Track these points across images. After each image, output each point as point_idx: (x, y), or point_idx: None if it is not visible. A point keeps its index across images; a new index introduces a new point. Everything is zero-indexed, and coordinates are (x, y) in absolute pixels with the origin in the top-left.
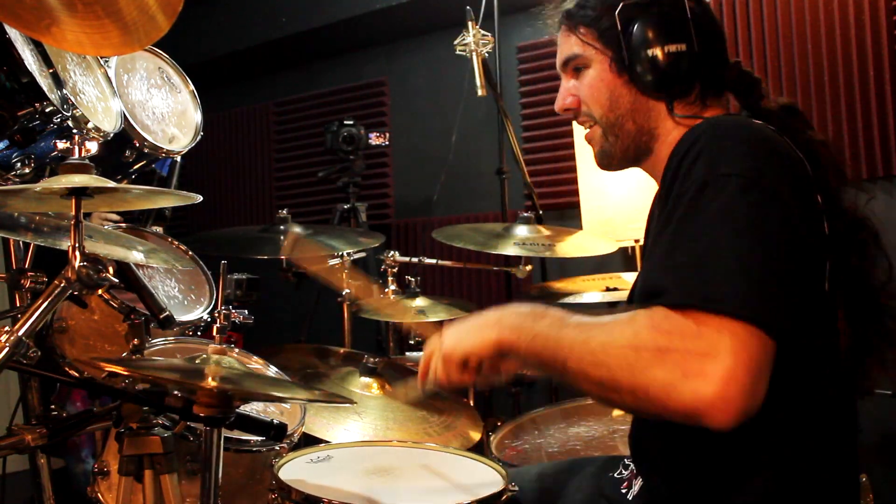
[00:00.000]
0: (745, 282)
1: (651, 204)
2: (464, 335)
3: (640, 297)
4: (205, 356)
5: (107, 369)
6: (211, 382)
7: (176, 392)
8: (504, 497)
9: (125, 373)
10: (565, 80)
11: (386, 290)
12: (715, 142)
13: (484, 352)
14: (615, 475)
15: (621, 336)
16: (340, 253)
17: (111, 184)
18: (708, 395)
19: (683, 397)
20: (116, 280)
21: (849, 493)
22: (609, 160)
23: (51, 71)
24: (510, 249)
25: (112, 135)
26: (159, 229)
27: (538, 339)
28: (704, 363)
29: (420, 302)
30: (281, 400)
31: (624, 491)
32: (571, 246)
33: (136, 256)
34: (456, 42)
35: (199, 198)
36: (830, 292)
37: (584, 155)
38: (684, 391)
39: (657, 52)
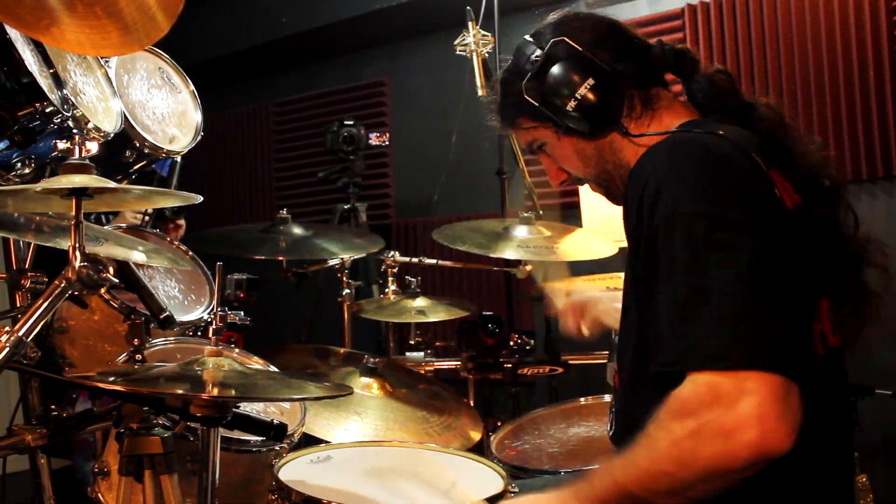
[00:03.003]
0: (740, 331)
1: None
2: None
3: (652, 367)
4: (201, 360)
5: (107, 388)
6: (213, 391)
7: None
8: (504, 498)
9: (125, 390)
10: (543, 161)
11: (386, 290)
12: (672, 173)
13: None
14: None
15: (658, 442)
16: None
17: (111, 184)
18: (756, 437)
19: (739, 454)
20: (116, 280)
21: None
22: (615, 201)
23: (51, 71)
24: (510, 252)
25: (112, 135)
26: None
27: (606, 496)
28: (734, 415)
29: (420, 302)
30: (280, 401)
31: None
32: (572, 247)
33: (138, 256)
34: (456, 42)
35: (200, 198)
36: (810, 288)
37: None
38: (736, 449)
39: (576, 100)
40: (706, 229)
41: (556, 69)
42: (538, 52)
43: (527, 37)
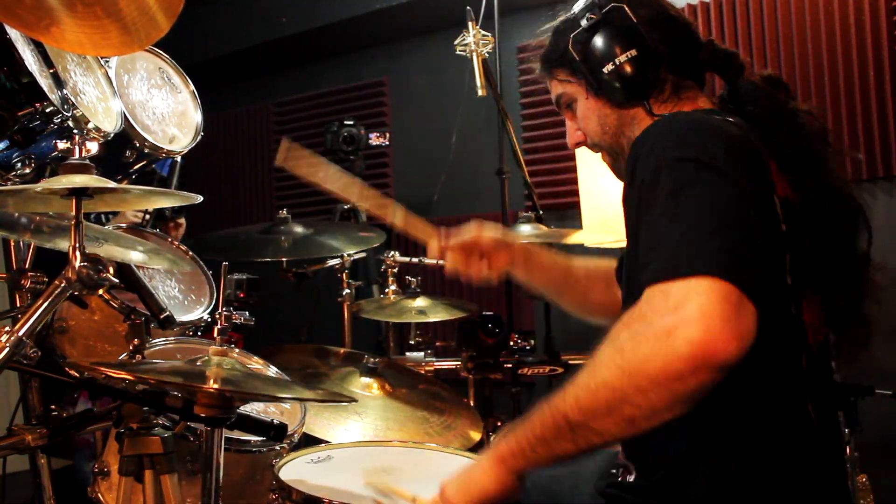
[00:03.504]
0: (702, 246)
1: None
2: (473, 492)
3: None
4: (206, 358)
5: (108, 374)
6: (213, 385)
7: (176, 393)
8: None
9: (127, 377)
10: (567, 119)
11: (386, 290)
12: (665, 133)
13: (501, 493)
14: (612, 470)
15: (601, 353)
16: (340, 254)
17: (111, 184)
18: (696, 335)
19: (680, 352)
20: (116, 280)
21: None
22: (619, 176)
23: (51, 71)
24: None
25: (112, 135)
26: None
27: (538, 428)
28: (678, 314)
29: (420, 302)
30: (282, 400)
31: (621, 479)
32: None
33: (137, 257)
34: (456, 42)
35: (199, 198)
36: (793, 287)
37: (584, 155)
38: (677, 347)
39: (614, 65)
40: (692, 170)
41: (604, 32)
42: (596, 10)
43: None
